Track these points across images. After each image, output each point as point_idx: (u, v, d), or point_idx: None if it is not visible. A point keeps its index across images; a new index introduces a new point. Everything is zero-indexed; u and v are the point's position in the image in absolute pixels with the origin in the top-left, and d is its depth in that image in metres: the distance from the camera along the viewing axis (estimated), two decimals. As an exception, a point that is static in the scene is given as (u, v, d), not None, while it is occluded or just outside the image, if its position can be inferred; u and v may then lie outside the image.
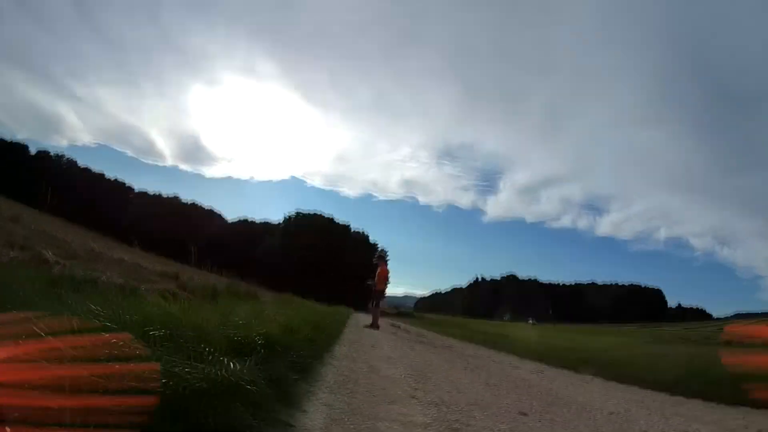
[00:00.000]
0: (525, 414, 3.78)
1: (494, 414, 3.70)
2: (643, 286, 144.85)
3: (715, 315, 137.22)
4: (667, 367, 7.10)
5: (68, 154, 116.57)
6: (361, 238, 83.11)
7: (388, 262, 68.22)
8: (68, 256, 11.06)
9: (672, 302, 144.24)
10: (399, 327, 14.29)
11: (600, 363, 8.24)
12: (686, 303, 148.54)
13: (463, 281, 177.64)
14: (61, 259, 9.38)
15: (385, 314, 66.84)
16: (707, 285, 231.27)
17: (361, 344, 7.52)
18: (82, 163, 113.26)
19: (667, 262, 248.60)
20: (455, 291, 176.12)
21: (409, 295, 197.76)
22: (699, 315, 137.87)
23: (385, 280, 10.80)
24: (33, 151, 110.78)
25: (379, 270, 10.94)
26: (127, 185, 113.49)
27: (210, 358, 2.72)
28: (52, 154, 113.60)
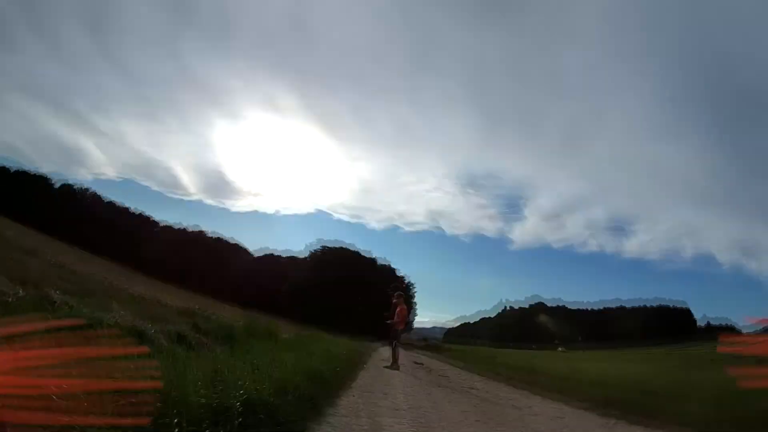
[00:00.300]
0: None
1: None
2: (671, 306, 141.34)
3: (744, 330, 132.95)
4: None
5: (93, 188, 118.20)
6: (387, 271, 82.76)
7: (415, 294, 68.07)
8: (83, 292, 11.21)
9: (700, 319, 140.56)
10: (422, 365, 13.97)
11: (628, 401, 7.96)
12: (714, 320, 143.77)
13: (488, 306, 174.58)
14: (74, 295, 9.47)
15: (413, 347, 66.14)
16: (735, 299, 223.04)
17: (373, 392, 7.22)
18: (106, 196, 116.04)
19: (694, 279, 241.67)
20: (482, 320, 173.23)
21: (437, 325, 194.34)
22: (728, 331, 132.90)
23: (404, 320, 10.63)
24: (57, 184, 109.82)
25: (398, 309, 10.74)
26: (151, 219, 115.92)
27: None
28: (75, 187, 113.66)
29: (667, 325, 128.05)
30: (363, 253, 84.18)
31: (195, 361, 4.38)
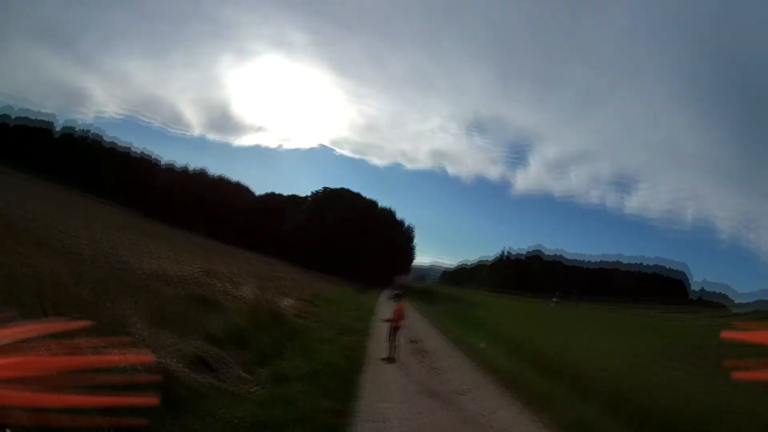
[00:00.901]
0: None
1: None
2: (667, 267, 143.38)
3: (737, 301, 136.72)
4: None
5: (94, 127, 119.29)
6: (388, 214, 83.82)
7: (414, 236, 69.38)
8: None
9: (695, 285, 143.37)
10: (417, 344, 14.79)
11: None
12: (709, 287, 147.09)
13: (489, 253, 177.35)
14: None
15: (411, 291, 67.70)
16: (731, 269, 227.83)
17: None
18: (108, 136, 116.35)
19: (693, 243, 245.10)
20: (480, 264, 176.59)
21: (435, 265, 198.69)
22: (722, 299, 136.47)
23: (401, 318, 11.45)
24: (58, 127, 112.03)
25: (396, 307, 11.57)
26: (153, 160, 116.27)
27: None
28: (77, 129, 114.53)
29: (662, 288, 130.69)
30: (364, 195, 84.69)
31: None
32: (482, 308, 38.99)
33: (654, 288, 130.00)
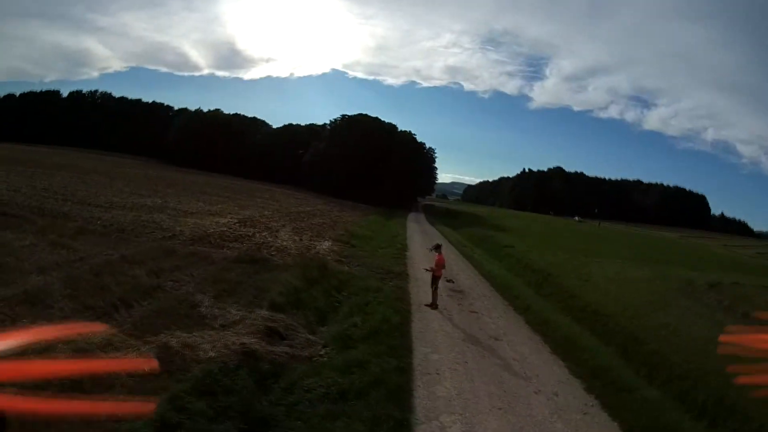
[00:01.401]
0: None
1: None
2: (688, 190, 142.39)
3: (756, 230, 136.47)
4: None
5: (101, 85, 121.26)
6: (408, 138, 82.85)
7: (436, 158, 68.99)
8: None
9: (715, 210, 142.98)
10: (453, 284, 15.39)
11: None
12: (729, 214, 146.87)
13: (510, 172, 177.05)
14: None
15: (434, 210, 68.03)
16: (751, 197, 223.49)
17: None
18: (117, 92, 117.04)
19: (713, 165, 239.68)
20: (502, 181, 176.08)
21: (457, 181, 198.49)
22: (741, 228, 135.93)
23: (441, 267, 11.99)
24: (65, 93, 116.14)
25: (437, 258, 12.08)
26: (165, 105, 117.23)
27: None
28: (84, 92, 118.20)
29: (683, 209, 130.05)
30: (383, 119, 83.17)
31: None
32: (509, 233, 39.51)
33: (675, 209, 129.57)
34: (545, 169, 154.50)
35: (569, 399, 7.32)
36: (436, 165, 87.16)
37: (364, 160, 73.81)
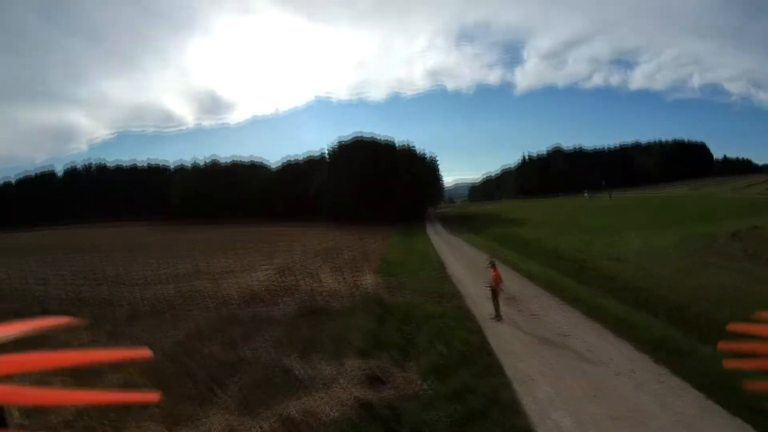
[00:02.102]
0: None
1: None
2: (687, 141, 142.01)
3: (760, 164, 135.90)
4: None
5: (91, 156, 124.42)
6: (408, 151, 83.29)
7: (439, 166, 68.87)
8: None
9: (718, 154, 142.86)
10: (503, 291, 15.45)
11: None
12: (731, 155, 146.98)
13: (511, 160, 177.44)
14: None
15: (447, 218, 68.14)
16: (748, 132, 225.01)
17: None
18: (108, 159, 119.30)
19: (705, 109, 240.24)
20: (504, 173, 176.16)
21: (459, 183, 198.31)
22: (745, 166, 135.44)
23: (499, 281, 12.19)
24: (59, 170, 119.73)
25: (493, 274, 12.26)
26: (162, 166, 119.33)
27: None
28: (79, 167, 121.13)
29: (685, 160, 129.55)
30: (381, 140, 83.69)
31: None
32: (528, 226, 39.68)
33: (678, 163, 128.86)
34: (544, 152, 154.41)
35: (644, 373, 8.07)
36: (440, 173, 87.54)
37: (370, 180, 74.17)
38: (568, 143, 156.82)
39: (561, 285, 16.05)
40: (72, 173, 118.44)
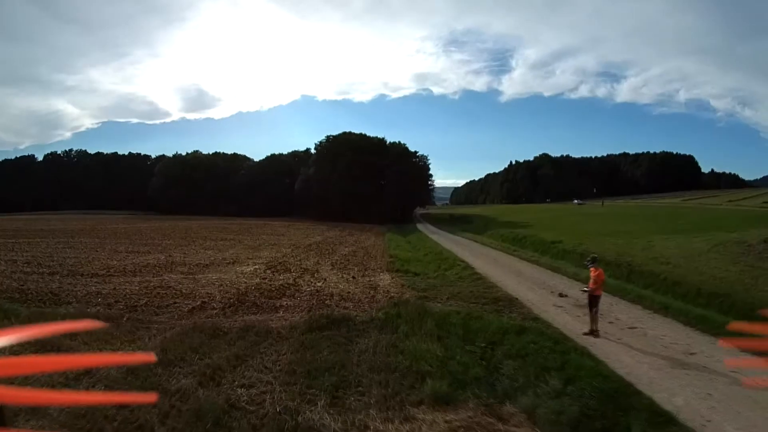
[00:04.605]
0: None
1: None
2: (675, 153, 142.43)
3: (747, 179, 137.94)
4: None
5: (75, 145, 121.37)
6: (400, 148, 79.39)
7: (430, 165, 65.84)
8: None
9: (705, 168, 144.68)
10: (567, 297, 12.48)
11: None
12: (719, 168, 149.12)
13: (495, 168, 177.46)
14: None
15: (439, 218, 65.66)
16: (734, 148, 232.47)
17: None
18: (91, 149, 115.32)
19: (690, 124, 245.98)
20: (489, 177, 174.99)
21: (441, 186, 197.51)
22: (733, 180, 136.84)
23: (601, 284, 8.69)
24: (40, 156, 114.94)
25: (595, 273, 8.76)
26: (142, 155, 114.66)
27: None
28: (60, 152, 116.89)
29: (674, 172, 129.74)
30: (371, 137, 79.81)
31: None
32: (535, 228, 36.63)
33: (666, 174, 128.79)
34: (531, 158, 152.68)
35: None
36: (431, 173, 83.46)
37: (358, 178, 70.39)
38: (555, 151, 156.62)
39: (623, 290, 14.26)
40: (52, 159, 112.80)
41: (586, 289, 9.25)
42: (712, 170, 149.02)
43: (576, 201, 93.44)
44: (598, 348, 8.22)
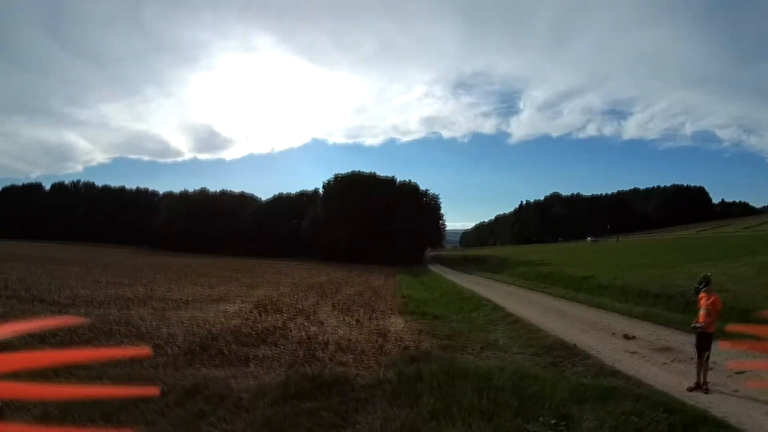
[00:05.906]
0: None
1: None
2: (685, 186, 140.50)
3: (758, 206, 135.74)
4: None
5: (85, 178, 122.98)
6: (410, 187, 77.31)
7: (441, 204, 62.95)
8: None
9: (715, 198, 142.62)
10: (636, 339, 9.73)
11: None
12: (728, 198, 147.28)
13: (505, 210, 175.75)
14: None
15: (452, 260, 62.62)
16: (742, 176, 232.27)
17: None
18: (100, 182, 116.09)
19: (698, 156, 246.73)
20: (499, 219, 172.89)
21: (450, 230, 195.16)
22: (744, 209, 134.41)
23: (717, 317, 5.96)
24: (47, 186, 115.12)
25: (710, 302, 6.02)
26: (150, 191, 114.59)
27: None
28: (67, 183, 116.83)
29: (685, 204, 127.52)
30: (380, 176, 77.85)
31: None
32: (558, 266, 33.69)
33: (677, 207, 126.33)
34: (542, 198, 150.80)
35: None
36: (442, 212, 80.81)
37: (366, 218, 68.16)
38: (563, 191, 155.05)
39: (689, 324, 10.77)
40: (59, 189, 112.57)
41: (698, 325, 6.44)
42: (722, 200, 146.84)
43: (590, 238, 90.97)
44: (721, 409, 5.55)
